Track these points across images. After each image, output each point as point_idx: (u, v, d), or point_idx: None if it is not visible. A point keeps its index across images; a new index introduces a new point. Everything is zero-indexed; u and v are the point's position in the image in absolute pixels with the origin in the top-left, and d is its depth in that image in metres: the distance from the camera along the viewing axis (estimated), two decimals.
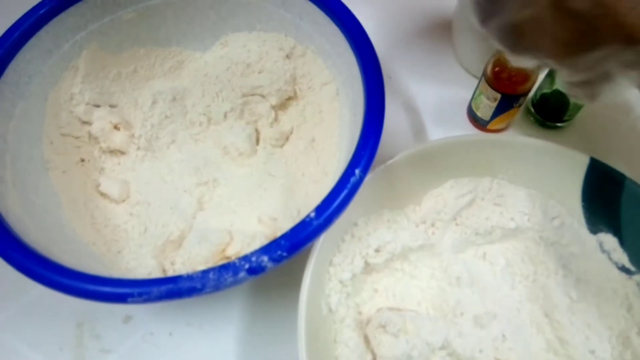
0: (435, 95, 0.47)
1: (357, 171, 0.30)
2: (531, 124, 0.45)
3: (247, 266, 0.27)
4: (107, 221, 0.39)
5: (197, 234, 0.36)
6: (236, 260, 0.27)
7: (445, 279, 0.34)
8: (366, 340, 0.32)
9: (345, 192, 0.29)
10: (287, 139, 0.43)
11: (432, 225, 0.36)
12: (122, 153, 0.42)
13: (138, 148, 0.41)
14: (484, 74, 0.40)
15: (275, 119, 0.43)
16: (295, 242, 0.28)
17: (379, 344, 0.31)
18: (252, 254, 0.27)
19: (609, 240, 0.34)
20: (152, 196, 0.39)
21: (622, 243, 0.34)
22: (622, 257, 0.34)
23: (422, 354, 0.31)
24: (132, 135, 0.42)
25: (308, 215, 0.28)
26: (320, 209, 0.29)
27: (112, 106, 0.42)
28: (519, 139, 0.35)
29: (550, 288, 0.34)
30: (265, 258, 0.27)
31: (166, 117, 0.42)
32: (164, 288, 0.26)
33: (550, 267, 0.35)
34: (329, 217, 0.28)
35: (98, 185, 0.40)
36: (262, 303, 0.37)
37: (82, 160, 0.41)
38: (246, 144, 0.41)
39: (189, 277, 0.26)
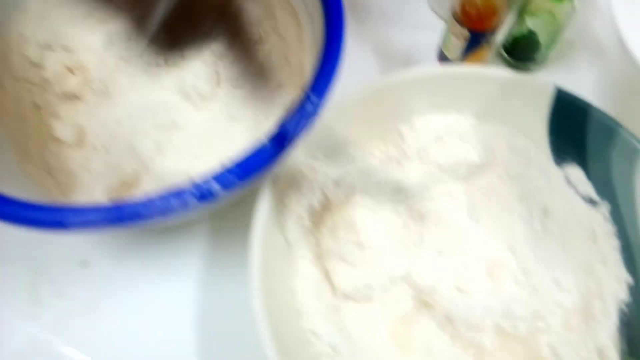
0: (406, 41, 0.46)
1: (313, 98, 0.28)
2: (503, 66, 0.44)
3: (195, 191, 0.26)
4: (62, 165, 0.37)
5: (154, 175, 0.35)
6: (184, 186, 0.26)
7: (409, 214, 0.33)
8: (325, 272, 0.31)
9: (299, 119, 0.28)
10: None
11: (397, 161, 0.35)
12: (78, 98, 0.40)
13: (93, 92, 0.40)
14: (453, 12, 0.39)
15: (236, 59, 0.41)
16: (246, 168, 0.26)
17: (338, 275, 0.30)
18: (201, 179, 0.26)
19: (575, 172, 0.34)
20: (108, 140, 0.38)
21: (588, 174, 0.33)
22: (588, 189, 0.33)
23: (382, 284, 0.30)
24: (87, 79, 0.40)
25: (261, 141, 0.27)
26: (272, 135, 0.28)
27: (66, 49, 0.41)
28: (482, 70, 0.34)
29: (515, 221, 0.34)
30: (214, 183, 0.26)
31: (122, 58, 0.41)
32: (106, 213, 0.25)
33: (515, 201, 0.35)
34: (281, 144, 0.27)
35: (52, 130, 0.38)
36: (222, 244, 0.36)
37: (36, 106, 0.39)
38: (205, 85, 0.39)
39: (134, 203, 0.25)
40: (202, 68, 0.40)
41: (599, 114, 0.32)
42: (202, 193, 0.26)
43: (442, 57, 0.43)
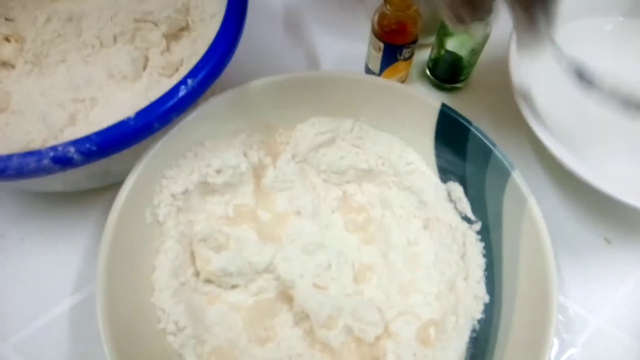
0: (339, 49, 0.47)
1: (189, 81, 0.30)
2: (429, 86, 0.45)
3: (52, 154, 0.27)
4: None
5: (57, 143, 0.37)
6: (42, 149, 0.27)
7: (290, 209, 0.34)
8: (193, 256, 0.32)
9: (172, 100, 0.29)
10: (177, 69, 0.43)
11: (289, 158, 0.36)
12: (12, 66, 0.42)
13: (25, 62, 0.42)
14: (372, 25, 0.40)
15: (167, 49, 0.43)
16: (107, 139, 0.28)
17: (200, 258, 0.31)
18: (60, 144, 0.27)
19: (456, 189, 0.34)
20: (27, 107, 0.40)
21: (466, 192, 0.34)
22: (465, 207, 0.34)
23: (242, 272, 0.31)
24: (22, 49, 0.42)
25: (127, 117, 0.29)
26: (141, 112, 0.29)
27: (8, 19, 0.43)
28: (379, 81, 0.35)
29: (393, 230, 0.34)
30: (72, 149, 0.27)
31: (59, 35, 0.42)
32: None
33: (397, 211, 0.35)
34: (148, 120, 0.29)
35: None
36: None
37: None
38: (130, 67, 0.41)
39: None
40: (131, 52, 0.42)
41: (478, 134, 0.32)
42: (58, 157, 0.27)
43: (367, 69, 0.44)
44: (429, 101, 0.34)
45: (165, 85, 0.43)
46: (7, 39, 0.42)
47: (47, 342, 0.33)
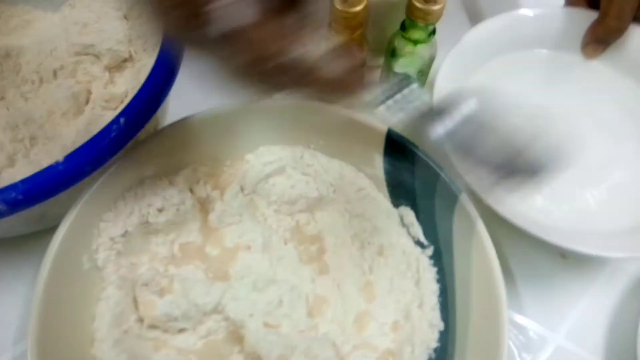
0: None
1: (121, 120, 0.29)
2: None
3: None
4: None
5: None
6: None
7: (240, 243, 0.33)
8: (134, 300, 0.31)
9: (103, 140, 0.28)
10: (122, 101, 0.42)
11: (237, 190, 0.35)
12: None
13: None
14: None
15: (111, 81, 0.42)
16: (34, 186, 0.26)
17: (143, 303, 0.30)
18: None
19: (408, 213, 0.34)
20: None
21: (418, 217, 0.34)
22: (417, 231, 0.33)
23: (189, 315, 0.30)
24: None
25: (56, 161, 0.27)
26: (71, 155, 0.28)
27: None
28: (326, 107, 0.34)
29: (346, 260, 0.34)
30: None
31: None
32: None
33: (349, 239, 0.34)
34: (78, 164, 0.27)
35: None
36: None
37: None
38: (70, 102, 0.40)
39: None
40: (72, 86, 0.41)
41: (425, 158, 0.32)
42: None
43: None
44: (376, 126, 0.33)
45: (108, 118, 0.42)
46: None
47: None
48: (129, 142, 0.29)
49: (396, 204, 0.35)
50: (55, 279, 0.27)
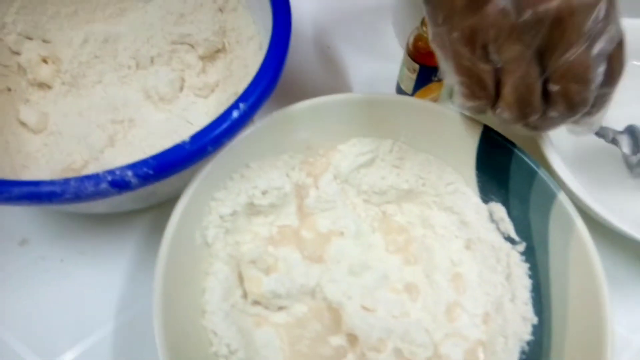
0: (370, 69, 0.48)
1: (241, 105, 0.30)
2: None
3: (109, 178, 0.27)
4: (21, 147, 0.39)
5: (99, 165, 0.37)
6: (100, 172, 0.27)
7: (334, 229, 0.35)
8: (240, 277, 0.32)
9: (225, 123, 0.30)
10: (213, 90, 0.43)
11: (330, 178, 0.36)
12: (49, 87, 0.43)
13: (63, 83, 0.42)
14: (406, 46, 0.41)
15: (203, 70, 0.43)
16: (163, 163, 0.28)
17: (249, 279, 0.31)
18: (118, 168, 0.27)
19: (499, 209, 0.35)
20: (66, 128, 0.40)
21: (509, 213, 0.34)
22: (509, 227, 0.34)
23: (291, 294, 0.31)
24: (59, 70, 0.42)
25: (183, 140, 0.29)
26: (196, 136, 0.29)
27: (45, 41, 0.43)
28: (418, 102, 0.36)
29: (435, 251, 0.35)
30: (129, 173, 0.27)
31: (95, 56, 0.43)
32: (25, 189, 0.27)
33: (439, 231, 0.35)
34: (203, 144, 0.29)
35: (19, 113, 0.41)
36: (156, 241, 0.37)
37: (9, 90, 0.42)
38: (167, 88, 0.41)
39: (51, 182, 0.27)
40: (168, 73, 0.42)
41: (522, 156, 0.33)
42: (115, 180, 0.27)
43: (399, 89, 0.45)
44: (471, 123, 0.34)
45: (201, 106, 0.44)
46: (44, 61, 0.42)
47: None
48: (246, 124, 0.31)
49: (486, 200, 0.35)
50: (173, 251, 0.29)
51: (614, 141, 0.38)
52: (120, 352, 0.34)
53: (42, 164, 0.38)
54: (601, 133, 0.38)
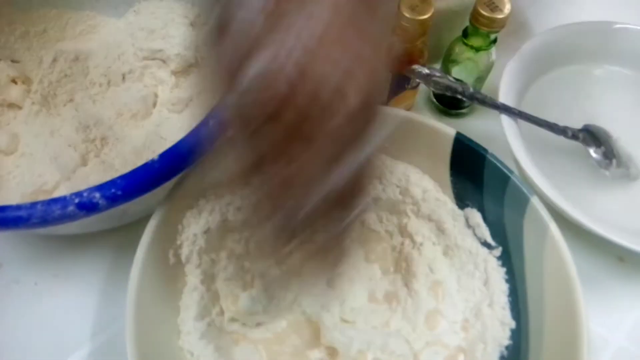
0: None
1: (211, 121, 0.30)
2: (435, 113, 0.46)
3: (77, 200, 0.27)
4: None
5: (71, 185, 0.37)
6: (67, 195, 0.27)
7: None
8: (216, 294, 0.32)
9: (194, 139, 0.29)
10: (187, 105, 0.43)
11: None
12: (19, 107, 0.42)
13: (33, 103, 0.41)
14: None
15: (176, 85, 0.43)
16: (132, 183, 0.28)
17: (225, 297, 0.31)
18: (85, 190, 0.27)
19: (474, 215, 0.35)
20: (37, 148, 0.39)
21: (485, 218, 0.34)
22: (485, 233, 0.34)
23: (269, 309, 0.31)
24: (29, 90, 0.42)
25: (151, 159, 0.29)
26: (164, 154, 0.29)
27: (14, 61, 0.43)
28: (392, 111, 0.36)
29: (413, 259, 0.35)
30: (97, 194, 0.27)
31: (66, 75, 0.42)
32: None
33: (417, 239, 0.35)
34: (172, 163, 0.29)
35: None
36: (131, 260, 0.37)
37: None
38: (140, 105, 0.41)
39: (17, 207, 0.26)
40: (140, 89, 0.42)
41: (494, 161, 0.33)
42: (83, 203, 0.27)
43: None
44: (444, 130, 0.34)
45: (175, 121, 0.43)
46: (13, 81, 0.42)
47: None
48: (217, 141, 0.30)
49: (461, 206, 0.35)
50: (146, 273, 0.28)
51: (573, 137, 0.38)
52: None
53: (12, 187, 0.38)
54: (562, 129, 0.38)
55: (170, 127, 0.42)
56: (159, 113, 0.42)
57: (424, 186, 0.36)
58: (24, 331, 0.34)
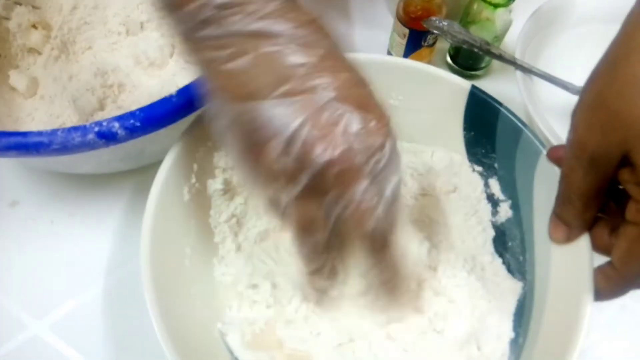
0: (359, 37, 0.48)
1: None
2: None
3: (97, 129, 0.27)
4: (11, 112, 0.40)
5: None
6: (87, 123, 0.28)
7: None
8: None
9: None
10: None
11: None
12: (39, 53, 0.43)
13: (52, 48, 0.42)
14: (396, 11, 0.41)
15: None
16: (150, 115, 0.28)
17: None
18: (105, 119, 0.28)
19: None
20: (55, 92, 0.40)
21: (496, 172, 0.35)
22: (495, 187, 0.35)
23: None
24: (49, 36, 0.42)
25: (170, 94, 0.29)
26: (182, 90, 0.29)
27: (34, 7, 0.43)
28: (407, 62, 0.36)
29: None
30: (116, 124, 0.28)
31: (85, 23, 0.43)
32: (12, 139, 0.27)
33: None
34: (189, 99, 0.29)
35: (9, 79, 0.41)
36: (146, 201, 0.37)
37: None
38: (157, 54, 0.41)
39: (38, 133, 0.27)
40: (158, 39, 0.42)
41: (508, 114, 0.33)
42: (102, 132, 0.27)
43: (389, 55, 0.45)
44: (459, 82, 0.34)
45: (191, 71, 0.43)
46: (34, 26, 0.42)
47: (82, 322, 0.34)
48: None
49: (472, 160, 0.36)
50: (161, 209, 0.29)
51: None
52: (110, 310, 0.34)
53: (31, 128, 0.38)
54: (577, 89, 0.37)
55: (186, 77, 0.42)
56: (176, 63, 0.42)
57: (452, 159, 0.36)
58: (40, 266, 0.35)
